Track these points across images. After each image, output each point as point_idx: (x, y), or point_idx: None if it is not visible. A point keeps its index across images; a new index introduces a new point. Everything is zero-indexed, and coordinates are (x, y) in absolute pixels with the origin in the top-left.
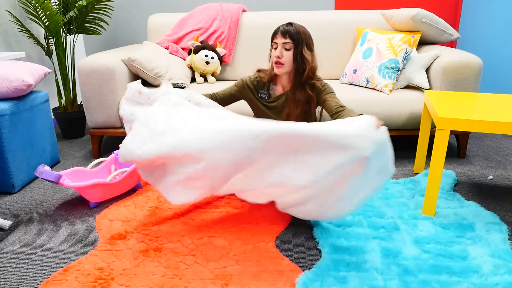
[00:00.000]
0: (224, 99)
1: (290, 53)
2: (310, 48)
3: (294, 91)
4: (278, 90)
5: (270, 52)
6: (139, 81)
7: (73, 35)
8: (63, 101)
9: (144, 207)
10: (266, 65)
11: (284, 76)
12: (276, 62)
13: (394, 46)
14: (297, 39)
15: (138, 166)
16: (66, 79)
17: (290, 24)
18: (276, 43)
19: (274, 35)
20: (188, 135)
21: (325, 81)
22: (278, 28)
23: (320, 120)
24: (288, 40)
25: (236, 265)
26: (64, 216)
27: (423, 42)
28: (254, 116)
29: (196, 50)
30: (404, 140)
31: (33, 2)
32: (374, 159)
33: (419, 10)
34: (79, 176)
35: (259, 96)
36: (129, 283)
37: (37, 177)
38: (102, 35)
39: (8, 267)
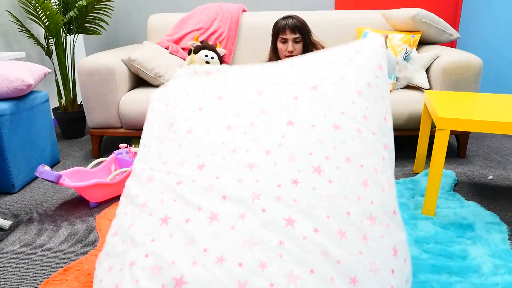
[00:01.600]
0: None
1: (300, 45)
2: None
3: None
4: None
5: (274, 46)
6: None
7: (73, 35)
8: (63, 101)
9: None
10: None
11: None
12: (289, 56)
13: (394, 46)
14: (305, 31)
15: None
16: (66, 79)
17: (291, 17)
18: (285, 38)
19: (282, 31)
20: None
21: None
22: (285, 24)
23: None
24: (298, 35)
25: None
26: (64, 216)
27: (423, 42)
28: None
29: (196, 50)
30: (404, 140)
31: (33, 2)
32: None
33: (419, 10)
34: (79, 176)
35: None
36: None
37: (37, 177)
38: (102, 35)
39: (8, 267)
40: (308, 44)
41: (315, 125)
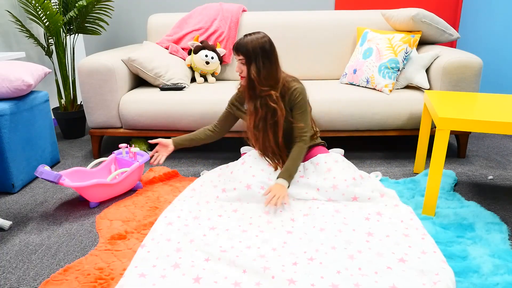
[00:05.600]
0: (223, 126)
1: (246, 67)
2: (265, 60)
3: (252, 103)
4: None
5: None
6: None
7: (73, 35)
8: (63, 101)
9: (144, 207)
10: None
11: None
12: (240, 76)
13: (394, 46)
14: (248, 55)
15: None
16: (66, 79)
17: (245, 36)
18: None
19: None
20: None
21: (300, 87)
22: (236, 42)
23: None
24: (240, 57)
25: None
26: (64, 216)
27: (423, 42)
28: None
29: (196, 50)
30: (404, 140)
31: (33, 2)
32: None
33: (419, 10)
34: (79, 176)
35: (244, 109)
36: None
37: (37, 177)
38: (102, 35)
39: (8, 267)
40: (251, 80)
41: None
